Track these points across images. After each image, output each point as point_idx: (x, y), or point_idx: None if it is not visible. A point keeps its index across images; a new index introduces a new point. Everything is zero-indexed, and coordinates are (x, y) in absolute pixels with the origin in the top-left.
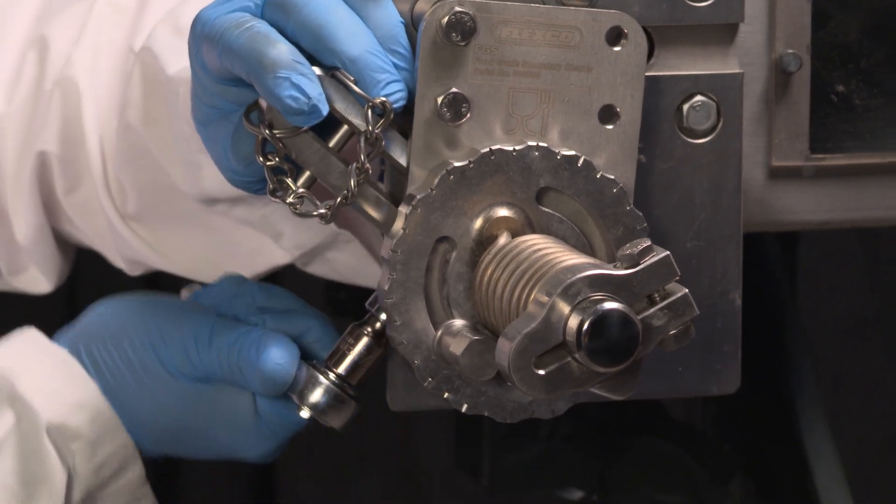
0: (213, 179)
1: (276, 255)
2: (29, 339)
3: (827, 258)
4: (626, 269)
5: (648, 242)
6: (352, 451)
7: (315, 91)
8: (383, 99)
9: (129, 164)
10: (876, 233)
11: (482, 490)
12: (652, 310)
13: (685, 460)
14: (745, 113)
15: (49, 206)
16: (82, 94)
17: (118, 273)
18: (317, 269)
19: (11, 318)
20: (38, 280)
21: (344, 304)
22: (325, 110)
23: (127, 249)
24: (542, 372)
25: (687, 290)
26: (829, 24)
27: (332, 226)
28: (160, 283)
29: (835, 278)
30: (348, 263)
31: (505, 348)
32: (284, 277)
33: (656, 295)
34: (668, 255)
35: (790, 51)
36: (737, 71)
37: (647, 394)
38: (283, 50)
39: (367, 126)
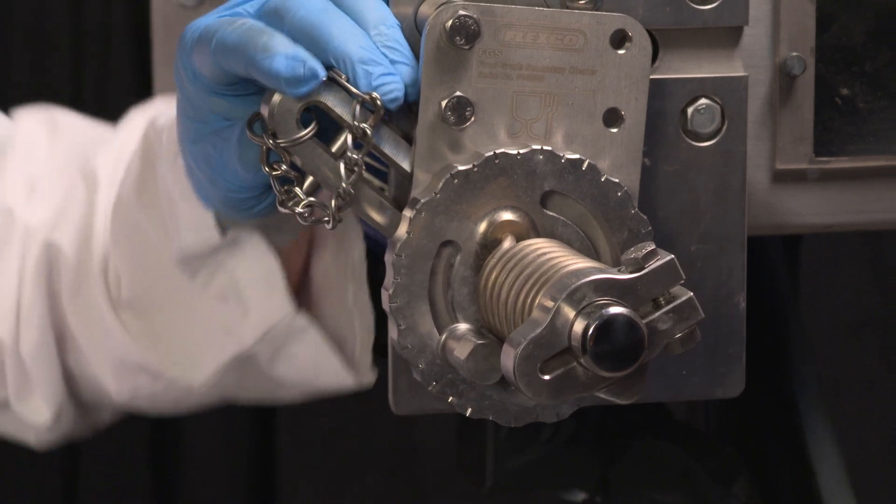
0: (191, 229)
1: (245, 336)
2: None
3: (829, 260)
4: (631, 273)
5: (653, 246)
6: (352, 451)
7: (312, 60)
8: (373, 94)
9: (121, 241)
10: (878, 235)
11: (484, 491)
12: (657, 314)
13: (687, 462)
14: (750, 116)
15: (56, 321)
16: (99, 185)
17: None
18: (280, 369)
19: None
20: (41, 409)
21: None
22: (321, 73)
23: (114, 347)
24: (547, 377)
25: (692, 294)
26: (833, 26)
27: (292, 305)
28: None
29: (837, 280)
30: (308, 357)
31: (510, 354)
32: None
33: (661, 299)
34: (672, 259)
35: (794, 54)
36: (741, 74)
37: (652, 397)
38: (278, 37)
39: (353, 121)
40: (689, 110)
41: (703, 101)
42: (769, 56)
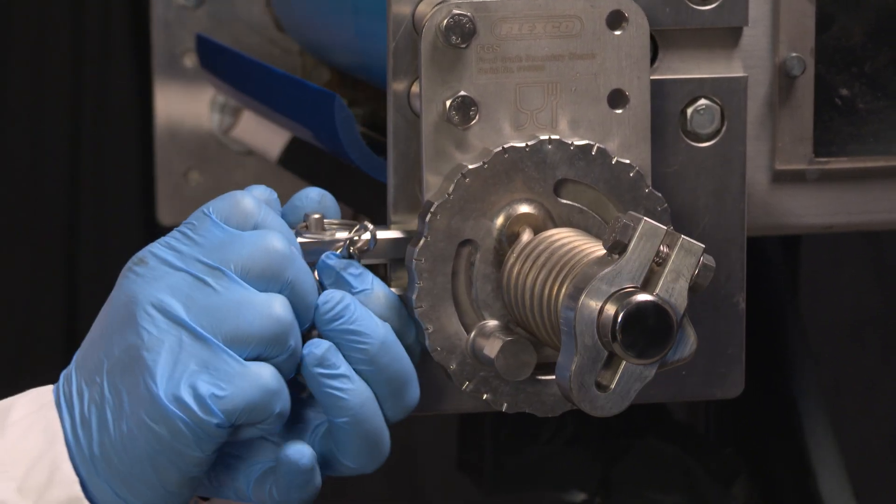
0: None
1: None
2: None
3: (829, 260)
4: (620, 254)
5: (622, 220)
6: None
7: None
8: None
9: None
10: (878, 235)
11: (483, 492)
12: (665, 270)
13: (687, 462)
14: (749, 116)
15: None
16: None
17: None
18: None
19: (11, 336)
20: None
21: None
22: None
23: None
24: (612, 387)
25: (683, 236)
26: (832, 27)
27: None
28: None
29: (837, 280)
30: None
31: (565, 390)
32: None
33: (658, 256)
34: (645, 220)
35: (794, 54)
36: (741, 74)
37: (652, 397)
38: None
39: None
40: (689, 111)
41: (702, 101)
42: (769, 56)
